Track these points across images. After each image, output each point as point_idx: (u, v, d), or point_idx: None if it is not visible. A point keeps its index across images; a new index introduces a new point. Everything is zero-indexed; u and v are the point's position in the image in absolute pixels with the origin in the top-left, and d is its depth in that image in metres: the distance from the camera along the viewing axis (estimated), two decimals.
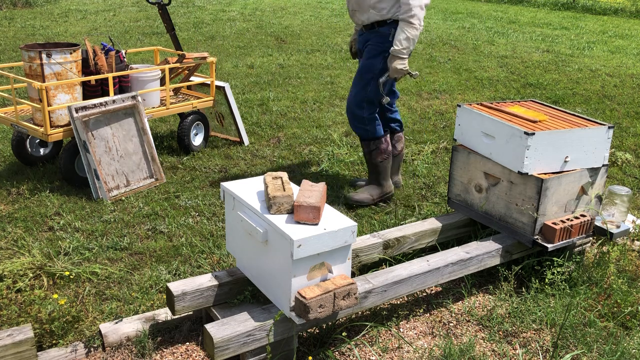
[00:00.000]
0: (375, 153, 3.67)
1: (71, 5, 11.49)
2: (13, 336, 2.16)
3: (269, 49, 8.33)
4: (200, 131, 4.64)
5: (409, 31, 3.29)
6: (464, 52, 8.38)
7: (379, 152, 3.67)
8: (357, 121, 3.60)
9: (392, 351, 2.51)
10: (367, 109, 3.56)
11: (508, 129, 2.78)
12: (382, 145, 3.66)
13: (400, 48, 3.32)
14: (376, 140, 3.65)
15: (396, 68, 3.36)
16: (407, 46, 3.31)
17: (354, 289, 2.23)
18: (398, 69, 3.37)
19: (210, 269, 2.99)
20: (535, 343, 2.56)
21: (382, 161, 3.70)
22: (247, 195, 2.39)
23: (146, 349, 2.40)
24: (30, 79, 3.67)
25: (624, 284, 2.78)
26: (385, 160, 3.70)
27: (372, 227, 3.48)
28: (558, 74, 7.28)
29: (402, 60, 3.35)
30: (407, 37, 3.30)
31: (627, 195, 2.95)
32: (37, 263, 2.83)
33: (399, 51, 3.32)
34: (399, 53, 3.33)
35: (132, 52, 5.70)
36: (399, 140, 3.94)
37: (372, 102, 3.56)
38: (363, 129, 3.62)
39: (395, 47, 3.33)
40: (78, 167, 3.83)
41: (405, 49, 3.32)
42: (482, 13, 12.63)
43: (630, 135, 5.23)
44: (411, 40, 3.31)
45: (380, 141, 3.65)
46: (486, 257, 2.79)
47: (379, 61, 3.48)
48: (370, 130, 3.61)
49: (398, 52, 3.33)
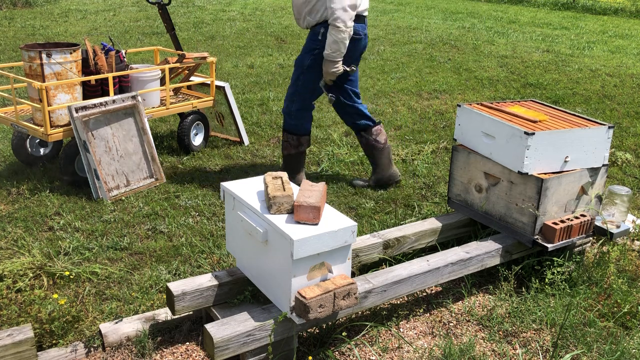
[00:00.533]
0: (285, 144, 3.86)
1: (71, 5, 11.49)
2: (13, 336, 2.16)
3: (269, 49, 8.33)
4: (200, 131, 4.64)
5: (335, 35, 3.39)
6: (464, 52, 8.38)
7: (288, 146, 3.84)
8: (287, 113, 3.80)
9: (392, 351, 2.51)
10: (296, 103, 3.74)
11: (508, 129, 2.78)
12: (293, 142, 3.82)
13: (329, 52, 3.46)
14: (292, 135, 3.81)
15: (328, 72, 3.54)
16: (336, 49, 3.44)
17: (354, 288, 2.23)
18: (330, 72, 3.54)
19: (210, 269, 2.99)
20: (535, 343, 2.56)
21: (287, 155, 3.87)
22: (247, 195, 2.39)
23: (146, 349, 2.40)
24: (30, 79, 3.67)
25: (624, 284, 2.78)
26: (290, 155, 3.86)
27: (372, 227, 3.48)
28: (558, 74, 7.28)
29: (334, 64, 3.50)
30: (334, 40, 3.41)
31: (627, 195, 2.95)
32: (37, 263, 2.83)
33: (329, 55, 3.47)
34: (329, 57, 3.48)
35: (132, 52, 5.70)
36: (379, 133, 3.98)
37: (303, 97, 3.72)
38: (288, 121, 3.81)
39: (326, 52, 3.48)
40: (78, 167, 3.83)
41: (335, 52, 3.45)
42: (482, 13, 12.63)
43: (630, 135, 5.23)
44: (339, 43, 3.42)
45: (293, 137, 3.81)
46: (486, 257, 2.79)
47: (307, 58, 3.64)
48: (292, 124, 3.79)
49: (328, 57, 3.48)
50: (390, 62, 7.68)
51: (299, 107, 3.75)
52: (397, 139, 5.02)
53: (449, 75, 7.10)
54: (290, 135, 3.82)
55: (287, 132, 3.83)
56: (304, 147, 3.87)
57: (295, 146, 3.83)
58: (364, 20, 3.61)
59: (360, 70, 7.22)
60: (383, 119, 5.51)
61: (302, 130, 3.81)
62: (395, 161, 4.53)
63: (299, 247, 2.08)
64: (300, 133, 3.82)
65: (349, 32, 3.39)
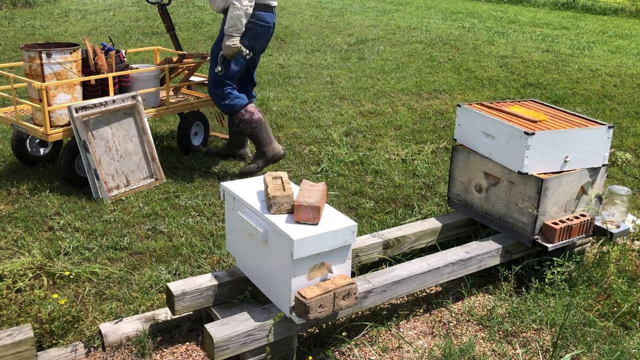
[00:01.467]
0: (243, 125, 4.02)
1: (71, 5, 11.49)
2: (13, 336, 2.16)
3: (269, 49, 8.32)
4: (200, 131, 4.64)
5: (232, 11, 3.70)
6: (464, 52, 8.38)
7: (245, 123, 4.00)
8: (217, 98, 4.01)
9: (392, 351, 2.51)
10: (220, 88, 3.98)
11: (508, 129, 2.78)
12: (245, 117, 3.99)
13: (227, 27, 3.75)
14: (238, 114, 3.99)
15: (225, 45, 3.80)
16: (232, 24, 3.73)
17: (354, 288, 2.23)
18: (226, 46, 3.79)
19: (210, 269, 2.99)
20: (535, 343, 2.56)
21: (252, 130, 4.03)
22: (247, 195, 2.39)
23: (146, 349, 2.40)
24: (30, 78, 3.67)
25: (624, 284, 2.78)
26: (255, 128, 4.02)
27: (372, 227, 3.48)
28: (558, 73, 7.28)
29: (231, 39, 3.77)
30: (230, 16, 3.71)
31: (627, 195, 2.95)
32: (37, 263, 2.83)
33: (226, 30, 3.76)
34: (227, 32, 3.76)
35: (132, 52, 5.70)
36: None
37: (223, 80, 3.95)
38: (223, 105, 4.01)
39: (225, 27, 3.77)
40: (78, 167, 3.83)
41: (231, 27, 3.74)
42: (482, 13, 12.63)
43: (630, 135, 5.23)
44: (236, 20, 3.71)
45: (241, 113, 3.99)
46: (486, 257, 2.79)
47: (219, 45, 3.93)
48: (229, 104, 3.99)
49: (226, 31, 3.77)
50: (390, 62, 7.68)
51: (225, 88, 3.98)
52: (397, 139, 5.03)
53: (449, 75, 7.10)
54: (238, 114, 3.99)
55: (235, 113, 4.00)
56: (258, 114, 4.03)
57: (249, 119, 3.99)
58: (273, 11, 3.93)
59: (360, 70, 7.23)
60: (383, 119, 5.52)
61: (241, 102, 4.00)
62: (395, 161, 4.53)
63: (299, 247, 2.08)
64: (242, 104, 4.00)
65: (244, 10, 3.68)
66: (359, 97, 6.15)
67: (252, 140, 4.07)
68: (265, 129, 4.04)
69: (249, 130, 4.02)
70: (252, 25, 3.83)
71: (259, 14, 3.83)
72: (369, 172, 4.33)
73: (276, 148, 4.08)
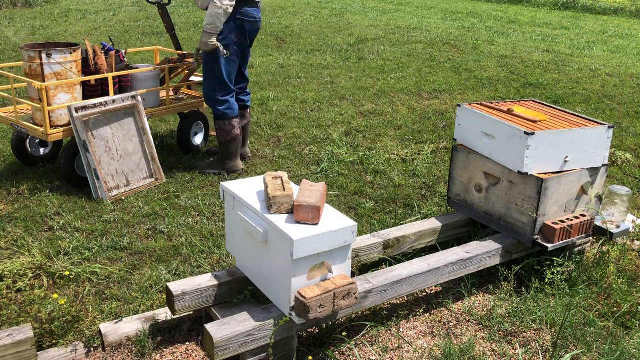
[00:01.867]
0: (219, 132, 4.08)
1: (71, 5, 11.49)
2: (13, 336, 2.16)
3: (269, 49, 8.33)
4: (200, 131, 4.64)
5: (212, 9, 3.71)
6: (464, 52, 8.38)
7: (224, 132, 4.06)
8: (213, 102, 4.02)
9: (392, 351, 2.51)
10: (219, 92, 3.99)
11: (508, 129, 2.78)
12: (227, 127, 4.04)
13: (205, 24, 3.77)
14: (224, 121, 4.04)
15: (201, 40, 3.84)
16: (211, 22, 3.74)
17: (354, 288, 2.23)
18: (203, 42, 3.83)
19: (210, 269, 2.99)
20: (535, 343, 2.56)
21: (225, 141, 4.08)
22: (247, 195, 2.39)
23: (146, 349, 2.40)
24: (30, 78, 3.67)
25: (624, 284, 2.78)
26: (229, 141, 4.08)
27: (372, 227, 3.48)
28: (558, 73, 7.28)
29: (208, 36, 3.78)
30: (210, 14, 3.73)
31: (627, 195, 2.95)
32: (37, 263, 2.83)
33: (205, 27, 3.78)
34: (204, 29, 3.79)
35: (132, 52, 5.70)
36: (243, 116, 4.35)
37: (224, 85, 3.97)
38: (217, 109, 4.03)
39: (204, 24, 3.78)
40: (78, 167, 3.83)
41: (210, 25, 3.75)
42: (482, 13, 12.63)
43: (630, 135, 5.23)
44: (214, 18, 3.72)
45: (225, 123, 4.04)
46: (486, 257, 2.79)
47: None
48: (223, 111, 4.02)
49: (204, 28, 3.79)
50: (390, 62, 7.68)
51: (224, 94, 3.99)
52: (397, 139, 5.02)
53: (449, 75, 7.10)
54: (223, 122, 4.03)
55: (221, 119, 4.04)
56: (237, 131, 4.07)
57: (229, 131, 4.04)
58: (258, 6, 3.95)
59: (360, 70, 7.23)
60: (383, 119, 5.52)
61: (233, 114, 4.04)
62: (395, 161, 4.53)
63: (299, 247, 2.08)
64: (232, 116, 4.04)
65: (224, 9, 3.68)
66: (359, 97, 6.15)
67: (220, 148, 4.14)
68: (237, 146, 4.12)
69: (222, 139, 4.07)
70: (240, 22, 3.85)
71: (245, 10, 3.85)
72: (369, 172, 4.33)
73: (237, 165, 4.18)
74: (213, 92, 3.99)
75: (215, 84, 3.97)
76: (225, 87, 3.98)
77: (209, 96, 4.01)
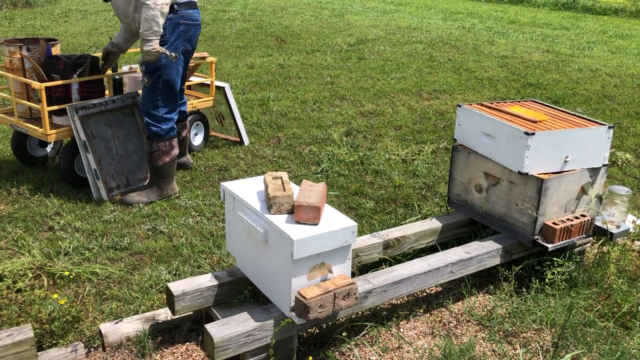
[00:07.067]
0: (156, 155, 3.65)
1: (71, 5, 11.49)
2: (13, 336, 2.15)
3: (269, 49, 8.33)
4: (200, 131, 4.63)
5: (145, 12, 3.34)
6: (464, 52, 8.38)
7: (161, 154, 3.64)
8: (153, 119, 3.60)
9: (392, 351, 2.51)
10: (162, 109, 3.60)
11: (508, 129, 2.78)
12: (165, 148, 3.64)
13: (142, 30, 3.38)
14: (161, 142, 3.63)
15: (143, 50, 3.42)
16: (148, 27, 3.36)
17: (354, 289, 2.23)
18: (145, 51, 3.41)
19: (210, 269, 2.99)
20: (535, 343, 2.56)
21: (163, 164, 3.66)
22: (247, 195, 2.39)
23: (146, 349, 2.40)
24: (11, 73, 3.74)
25: (624, 284, 2.78)
26: (167, 163, 3.66)
27: (372, 227, 3.48)
28: (558, 74, 7.28)
29: (148, 43, 3.39)
30: (145, 18, 3.35)
31: (627, 195, 2.95)
32: (37, 263, 2.83)
33: (142, 33, 3.39)
34: (142, 35, 3.39)
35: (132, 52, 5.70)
36: (183, 127, 4.08)
37: (169, 100, 3.60)
38: (156, 127, 3.60)
39: (140, 31, 3.41)
40: (78, 167, 3.83)
41: (147, 30, 3.37)
42: (482, 13, 12.63)
43: (630, 135, 5.23)
44: (150, 21, 3.35)
45: (165, 144, 3.63)
46: (486, 257, 2.79)
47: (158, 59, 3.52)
48: (162, 130, 3.61)
49: (142, 35, 3.40)
50: (390, 62, 7.68)
51: (167, 111, 3.63)
52: (397, 139, 5.02)
53: (449, 76, 7.10)
54: (161, 142, 3.63)
55: (159, 140, 3.63)
56: (176, 150, 3.72)
57: (168, 152, 3.66)
58: (197, 7, 3.64)
59: (360, 71, 7.23)
60: (383, 119, 5.52)
61: (171, 134, 3.67)
62: (395, 161, 4.53)
63: (299, 247, 2.08)
64: (171, 136, 3.67)
65: (159, 9, 3.33)
66: (359, 97, 6.15)
67: (153, 171, 3.71)
68: (174, 167, 3.74)
69: (159, 162, 3.65)
70: (185, 27, 3.56)
71: (188, 13, 3.56)
72: (369, 172, 4.33)
73: (174, 188, 3.79)
74: (156, 109, 3.58)
75: (157, 100, 3.57)
76: (170, 102, 3.61)
77: (151, 113, 3.59)
